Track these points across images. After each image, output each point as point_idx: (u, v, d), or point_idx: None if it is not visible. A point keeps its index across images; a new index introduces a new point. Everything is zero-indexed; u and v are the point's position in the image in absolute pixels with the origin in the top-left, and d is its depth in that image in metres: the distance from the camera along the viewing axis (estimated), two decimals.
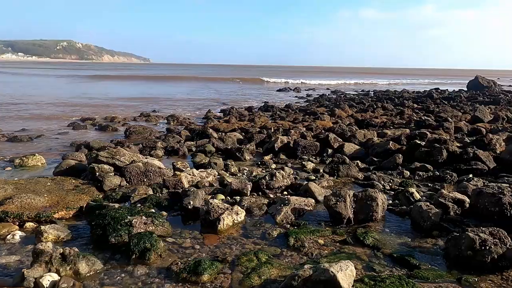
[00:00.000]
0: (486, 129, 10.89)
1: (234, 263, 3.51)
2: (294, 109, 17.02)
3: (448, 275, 3.34)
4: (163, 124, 13.06)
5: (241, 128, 11.23)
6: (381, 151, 7.91)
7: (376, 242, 3.96)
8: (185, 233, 4.17)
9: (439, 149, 7.24)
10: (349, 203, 4.49)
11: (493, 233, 3.52)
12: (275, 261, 3.53)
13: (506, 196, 4.22)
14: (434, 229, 4.23)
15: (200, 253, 3.75)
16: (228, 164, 7.04)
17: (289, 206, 4.65)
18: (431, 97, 22.52)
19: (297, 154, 8.04)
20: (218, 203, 4.46)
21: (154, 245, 3.57)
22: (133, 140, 9.66)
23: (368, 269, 3.47)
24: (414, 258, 3.60)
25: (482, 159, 6.79)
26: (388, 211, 4.84)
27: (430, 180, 6.40)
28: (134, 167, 5.90)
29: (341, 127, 10.23)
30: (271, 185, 5.61)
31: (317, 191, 5.28)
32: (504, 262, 3.36)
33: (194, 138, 9.74)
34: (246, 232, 4.24)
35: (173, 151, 8.21)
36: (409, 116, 14.29)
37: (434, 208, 4.44)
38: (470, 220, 4.41)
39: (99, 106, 17.75)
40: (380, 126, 12.31)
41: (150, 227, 3.97)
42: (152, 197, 5.07)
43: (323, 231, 4.22)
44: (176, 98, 22.77)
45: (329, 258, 3.60)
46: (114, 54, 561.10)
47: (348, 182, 6.34)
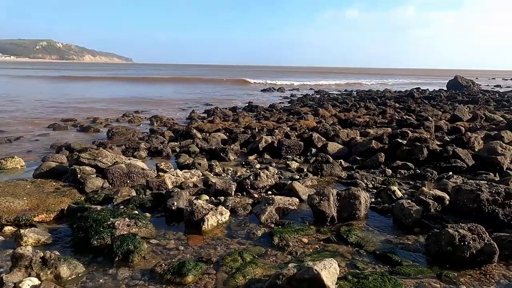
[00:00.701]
0: (465, 128, 11.15)
1: (219, 264, 3.50)
2: (278, 109, 17.08)
3: (429, 271, 3.41)
4: (146, 125, 12.93)
5: (225, 128, 11.21)
6: (364, 150, 8.02)
7: (359, 239, 4.01)
8: (169, 234, 4.14)
9: (420, 147, 7.38)
10: (333, 202, 4.54)
11: (472, 229, 3.61)
12: (259, 261, 3.54)
13: (484, 193, 4.33)
14: (416, 226, 4.32)
15: (185, 254, 3.73)
16: (212, 165, 7.02)
17: (274, 206, 4.67)
18: (412, 97, 22.92)
19: (281, 153, 8.08)
20: (202, 204, 4.44)
21: (137, 247, 3.53)
22: (115, 141, 9.54)
23: (352, 266, 3.51)
24: (396, 255, 3.67)
25: (461, 157, 6.95)
26: (370, 209, 4.90)
27: (412, 178, 6.52)
28: (117, 169, 5.83)
29: (324, 127, 10.32)
30: (255, 185, 5.62)
31: (301, 190, 5.31)
32: (482, 257, 3.45)
33: (178, 139, 9.68)
34: (230, 232, 4.24)
35: (157, 152, 8.14)
36: (391, 115, 14.51)
37: (415, 205, 4.52)
38: (450, 217, 4.51)
39: (81, 107, 17.46)
40: (363, 125, 12.46)
41: (134, 229, 3.92)
42: (135, 199, 5.02)
43: (307, 230, 4.25)
44: (159, 99, 22.57)
45: (313, 256, 3.63)
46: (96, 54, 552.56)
47: (332, 181, 6.41)
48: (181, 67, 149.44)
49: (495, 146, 6.96)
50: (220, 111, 15.12)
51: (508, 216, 4.18)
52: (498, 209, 4.21)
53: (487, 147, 7.17)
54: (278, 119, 13.54)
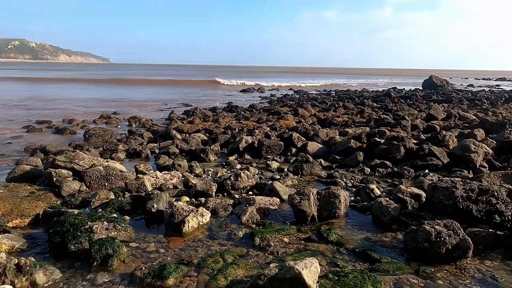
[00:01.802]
0: (440, 127, 11.46)
1: (200, 266, 3.48)
2: (258, 109, 17.12)
3: (407, 267, 3.48)
4: (124, 126, 12.71)
5: (205, 129, 11.16)
6: (343, 149, 8.13)
7: (339, 238, 4.06)
8: (149, 237, 4.09)
9: (397, 146, 7.53)
10: (313, 201, 4.58)
11: (447, 225, 3.71)
12: (241, 262, 3.54)
13: (458, 190, 4.46)
14: (394, 224, 4.41)
15: (165, 257, 3.69)
16: (192, 166, 6.97)
17: (254, 206, 4.68)
18: (390, 96, 23.39)
19: (261, 153, 8.10)
20: (183, 205, 4.41)
21: (116, 251, 3.47)
22: (93, 143, 9.34)
23: (332, 265, 3.55)
24: (375, 252, 3.73)
25: (437, 155, 7.14)
26: (350, 207, 4.97)
27: (390, 176, 6.65)
28: (94, 171, 5.71)
29: (304, 127, 10.40)
30: (236, 186, 5.61)
31: (281, 190, 5.34)
32: (457, 252, 3.55)
33: (157, 140, 9.56)
34: (211, 234, 4.22)
35: (136, 153, 8.02)
36: (369, 114, 14.76)
37: (393, 203, 4.62)
38: (426, 214, 4.62)
39: (56, 108, 17.01)
40: (342, 125, 12.63)
41: (112, 232, 3.85)
42: (114, 202, 4.92)
43: (288, 230, 4.28)
44: (137, 100, 22.24)
45: (294, 256, 3.65)
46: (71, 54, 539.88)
47: (312, 180, 6.46)
48: (159, 67, 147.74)
49: (469, 144, 7.18)
50: (199, 112, 15.03)
51: (481, 211, 4.32)
52: (472, 205, 4.34)
53: (461, 145, 7.39)
54: (258, 119, 13.57)
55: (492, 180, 5.37)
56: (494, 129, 10.28)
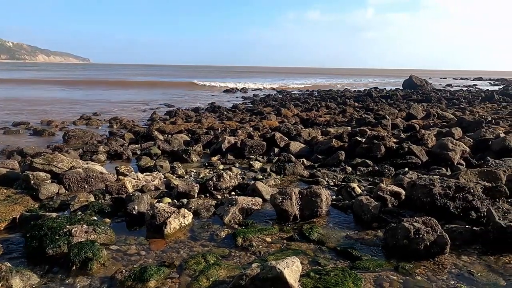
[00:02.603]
0: (419, 125, 11.68)
1: (182, 267, 3.46)
2: (241, 109, 17.11)
3: (387, 264, 3.54)
4: (105, 127, 12.51)
5: (188, 130, 11.09)
6: (325, 149, 8.20)
7: (321, 237, 4.10)
8: (130, 239, 4.04)
9: (377, 145, 7.65)
10: (295, 200, 4.61)
11: (426, 222, 3.79)
12: (223, 262, 3.53)
13: (436, 187, 4.56)
14: (374, 221, 4.47)
15: (146, 259, 3.65)
16: (174, 167, 6.92)
17: (237, 206, 4.67)
18: (371, 96, 23.70)
19: (244, 154, 8.10)
20: (164, 207, 4.37)
21: (96, 254, 3.42)
22: (72, 145, 9.16)
23: (314, 263, 3.58)
24: (356, 250, 3.78)
25: (416, 153, 7.28)
26: (332, 206, 5.03)
27: (370, 175, 6.75)
28: (74, 173, 5.60)
29: (287, 126, 10.45)
30: (218, 186, 5.60)
31: (264, 190, 5.35)
32: (435, 248, 3.63)
33: (139, 141, 9.46)
34: (194, 235, 4.20)
35: (117, 155, 7.91)
36: (350, 114, 14.94)
37: (374, 201, 4.69)
38: (406, 211, 4.71)
39: (34, 109, 16.61)
40: (324, 124, 12.75)
41: (92, 235, 3.79)
42: (94, 204, 4.84)
43: (271, 229, 4.29)
44: (119, 101, 21.92)
45: (276, 255, 3.66)
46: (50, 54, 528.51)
47: (294, 179, 6.50)
48: (142, 67, 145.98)
49: (447, 142, 7.35)
50: (182, 112, 14.92)
51: (458, 208, 4.43)
52: (449, 202, 4.45)
53: (439, 143, 7.56)
54: (241, 120, 13.57)
55: (469, 177, 5.51)
56: (471, 128, 10.54)
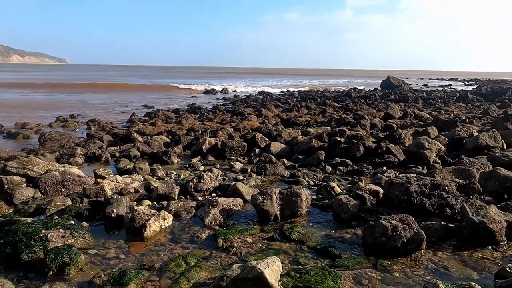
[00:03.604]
0: (397, 125, 11.93)
1: (162, 270, 3.43)
2: (221, 110, 17.08)
3: (365, 261, 3.60)
4: (83, 129, 12.27)
5: (168, 131, 11.00)
6: (305, 149, 8.28)
7: (301, 236, 4.14)
8: (109, 243, 3.98)
9: (356, 144, 7.77)
10: (276, 201, 4.63)
11: (403, 219, 3.87)
12: (204, 264, 3.52)
13: (412, 185, 4.67)
14: (353, 220, 4.54)
15: (126, 262, 3.61)
16: (154, 169, 6.85)
17: (218, 208, 4.66)
18: (350, 96, 24.04)
19: (225, 155, 8.08)
20: (144, 209, 4.32)
21: (73, 259, 3.35)
22: (48, 148, 8.94)
23: (294, 262, 3.61)
24: (336, 249, 3.83)
25: (394, 153, 7.43)
26: (312, 205, 5.08)
27: (350, 174, 6.85)
28: (50, 177, 5.48)
29: (267, 127, 10.49)
30: (199, 188, 5.57)
31: (245, 190, 5.36)
32: (412, 245, 3.71)
33: (118, 143, 9.31)
34: (174, 237, 4.17)
35: (95, 157, 7.77)
36: (330, 114, 15.12)
37: (353, 200, 4.76)
38: (384, 209, 4.80)
39: (8, 112, 16.10)
40: (304, 124, 12.86)
41: (69, 240, 3.71)
42: (71, 208, 4.75)
43: (251, 230, 4.30)
44: (97, 102, 21.52)
45: (257, 255, 3.67)
46: (24, 55, 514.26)
47: (275, 180, 6.53)
48: (121, 68, 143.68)
49: (423, 141, 7.53)
50: (162, 114, 14.78)
51: (434, 205, 4.55)
52: (425, 200, 4.56)
53: (415, 142, 7.73)
54: (222, 120, 13.54)
55: (444, 175, 5.65)
56: (446, 127, 10.82)
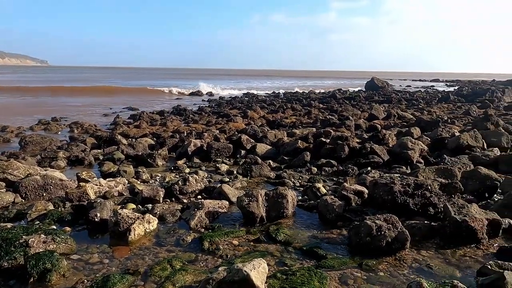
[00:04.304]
0: (381, 126, 12.08)
1: (147, 274, 3.39)
2: (207, 112, 17.01)
3: (351, 261, 3.63)
4: (65, 132, 12.06)
5: (153, 133, 10.89)
6: (291, 150, 8.30)
7: (287, 237, 4.14)
8: (92, 248, 3.91)
9: (341, 145, 7.83)
10: (261, 202, 4.63)
11: (387, 219, 3.91)
12: (189, 267, 3.49)
13: (396, 185, 4.72)
14: (339, 220, 4.57)
15: (110, 267, 3.55)
16: (139, 171, 6.77)
17: (203, 210, 4.63)
18: (335, 97, 24.25)
19: (211, 157, 8.05)
20: (128, 213, 4.26)
21: (55, 265, 3.28)
22: (30, 151, 8.75)
23: (280, 264, 3.61)
24: (321, 249, 3.85)
25: (378, 153, 7.52)
26: (298, 207, 5.09)
27: (335, 175, 6.90)
28: (31, 181, 5.36)
29: (253, 128, 10.49)
30: (184, 190, 5.53)
31: (230, 192, 5.34)
32: (396, 244, 3.76)
33: (101, 146, 9.17)
34: (159, 241, 4.12)
35: (78, 160, 7.63)
36: (315, 115, 15.21)
37: (338, 200, 4.79)
38: (369, 209, 4.84)
39: None
40: (290, 126, 12.90)
41: (51, 245, 3.63)
42: (53, 213, 4.65)
43: (237, 232, 4.29)
44: (80, 105, 21.16)
45: (243, 258, 3.66)
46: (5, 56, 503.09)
47: (261, 181, 6.53)
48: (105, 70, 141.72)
49: (406, 141, 7.64)
50: (146, 116, 14.65)
51: (417, 205, 4.61)
52: (409, 199, 4.63)
53: (399, 142, 7.84)
54: (207, 122, 13.49)
55: (427, 175, 5.75)
56: (429, 127, 11.01)
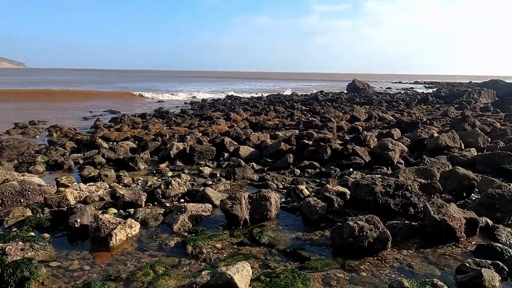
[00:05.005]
0: (362, 127, 12.24)
1: (129, 280, 3.34)
2: (189, 114, 16.90)
3: (334, 262, 3.66)
4: (44, 136, 11.76)
5: (134, 136, 10.75)
6: (274, 152, 8.32)
7: (271, 240, 4.15)
8: (73, 254, 3.82)
9: (324, 147, 7.90)
10: (245, 205, 4.63)
11: (369, 219, 3.97)
12: (172, 272, 3.45)
13: (377, 186, 4.80)
14: (322, 222, 4.61)
15: (91, 274, 3.48)
16: (120, 175, 6.67)
17: (186, 214, 4.60)
18: (317, 100, 24.46)
19: (193, 160, 8.00)
20: (109, 218, 4.19)
21: (34, 273, 3.20)
22: (6, 156, 8.49)
23: (264, 267, 3.61)
24: (305, 251, 3.87)
25: (360, 154, 7.62)
26: (281, 209, 5.11)
27: (318, 176, 6.95)
28: (7, 187, 5.20)
29: (236, 131, 10.48)
30: (167, 194, 5.48)
31: (213, 195, 5.32)
32: (378, 245, 3.81)
33: (82, 150, 9.00)
34: (141, 245, 4.07)
35: (57, 165, 7.47)
36: (298, 117, 15.31)
37: (321, 202, 4.83)
38: (351, 210, 4.90)
39: None
40: (273, 128, 12.95)
41: (29, 252, 3.54)
42: (31, 219, 4.53)
43: (221, 235, 4.27)
44: (59, 108, 20.70)
45: (227, 261, 3.65)
46: None
47: (244, 184, 6.53)
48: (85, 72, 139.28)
49: (387, 143, 7.77)
50: (128, 119, 14.45)
51: (398, 205, 4.69)
52: (390, 200, 4.70)
53: (380, 144, 7.97)
54: (190, 125, 13.40)
55: (407, 175, 5.85)
56: (409, 128, 11.23)
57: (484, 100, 23.88)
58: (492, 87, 25.93)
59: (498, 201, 4.58)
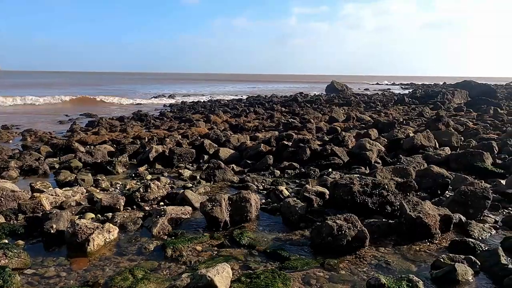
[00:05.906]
0: (341, 128, 12.42)
1: (108, 285, 3.28)
2: (169, 117, 16.76)
3: (313, 261, 3.70)
4: (17, 141, 11.43)
5: (112, 140, 10.58)
6: (254, 154, 8.35)
7: (251, 241, 4.16)
8: (48, 261, 3.74)
9: (303, 148, 7.98)
10: (225, 207, 4.63)
11: (347, 218, 4.04)
12: (152, 276, 3.42)
13: (355, 185, 4.88)
14: (301, 222, 4.66)
15: (67, 280, 3.41)
16: (98, 180, 6.55)
17: (166, 217, 4.56)
18: (297, 101, 24.65)
19: (173, 162, 7.93)
20: (87, 223, 4.12)
21: (7, 281, 3.12)
22: None
23: (245, 267, 3.62)
24: (285, 251, 3.90)
25: (338, 154, 7.72)
26: (261, 210, 5.13)
27: (298, 177, 7.01)
28: None
29: (216, 133, 10.45)
30: (146, 197, 5.41)
31: (193, 198, 5.29)
32: (356, 243, 3.88)
33: (57, 154, 8.79)
34: (120, 250, 4.01)
35: (31, 170, 7.27)
36: (278, 119, 15.40)
37: (300, 202, 4.88)
38: (330, 210, 4.97)
39: None
40: (253, 129, 12.98)
41: (2, 260, 3.45)
42: (4, 226, 4.40)
43: (201, 238, 4.25)
44: (33, 112, 20.17)
45: (207, 263, 3.64)
46: None
47: (224, 186, 6.52)
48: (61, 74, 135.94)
49: (365, 143, 7.91)
50: (105, 122, 14.22)
51: (376, 203, 4.79)
52: (368, 199, 4.80)
53: (358, 144, 8.10)
54: (169, 127, 13.29)
55: (384, 174, 5.98)
56: (386, 129, 11.46)
57: (457, 101, 24.56)
58: (465, 87, 26.71)
59: (470, 198, 4.74)
